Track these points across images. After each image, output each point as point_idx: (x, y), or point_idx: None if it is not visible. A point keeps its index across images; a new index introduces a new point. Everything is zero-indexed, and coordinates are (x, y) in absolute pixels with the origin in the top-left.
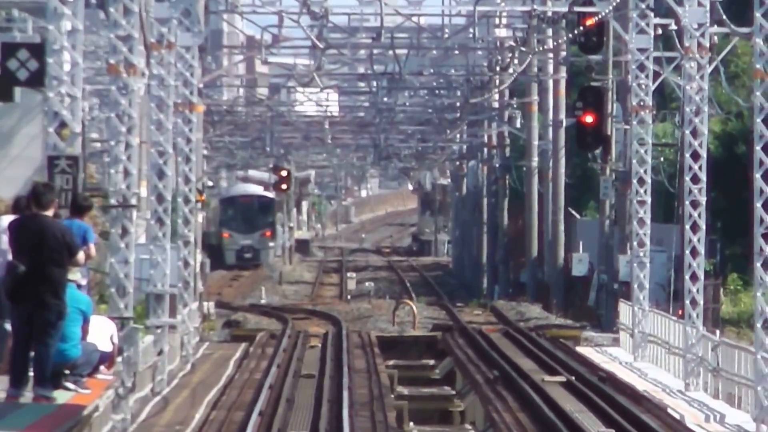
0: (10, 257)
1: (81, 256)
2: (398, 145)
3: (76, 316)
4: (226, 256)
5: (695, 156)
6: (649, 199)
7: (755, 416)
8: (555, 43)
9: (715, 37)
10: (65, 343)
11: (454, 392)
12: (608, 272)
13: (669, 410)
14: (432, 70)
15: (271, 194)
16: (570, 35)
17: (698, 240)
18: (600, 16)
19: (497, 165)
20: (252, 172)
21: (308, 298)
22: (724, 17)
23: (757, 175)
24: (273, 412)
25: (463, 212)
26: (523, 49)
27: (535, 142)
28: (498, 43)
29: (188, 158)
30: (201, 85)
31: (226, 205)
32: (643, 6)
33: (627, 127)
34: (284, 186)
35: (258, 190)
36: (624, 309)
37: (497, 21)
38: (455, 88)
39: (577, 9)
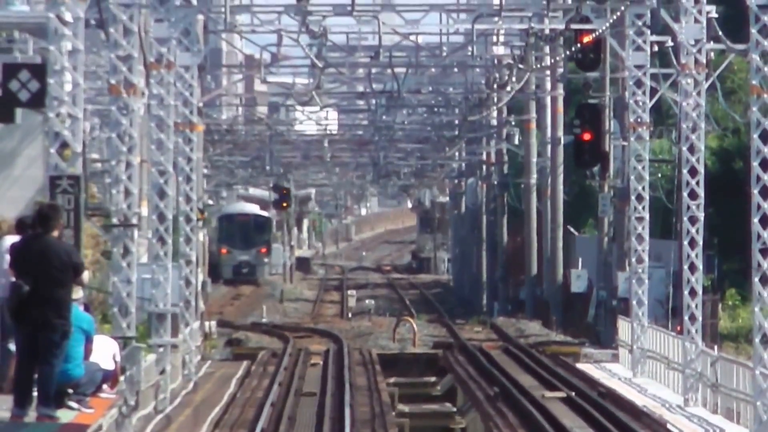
0: (13, 278)
1: (86, 276)
2: (397, 163)
3: (79, 335)
4: (223, 270)
5: (692, 172)
6: (647, 216)
7: (754, 431)
8: (552, 61)
9: (712, 54)
10: (68, 362)
11: (455, 409)
12: (607, 289)
13: (668, 426)
14: (430, 88)
15: (267, 213)
16: (567, 53)
17: (696, 255)
18: (597, 34)
19: (496, 182)
20: (252, 191)
21: (309, 316)
22: (720, 34)
23: (755, 191)
24: (275, 430)
25: (462, 230)
26: (520, 66)
27: (534, 160)
28: (496, 61)
29: (189, 177)
30: (201, 105)
31: (225, 222)
32: (640, 23)
33: (625, 143)
34: (284, 204)
35: (255, 209)
36: (623, 325)
37: (495, 39)
38: (453, 105)
39: (574, 26)
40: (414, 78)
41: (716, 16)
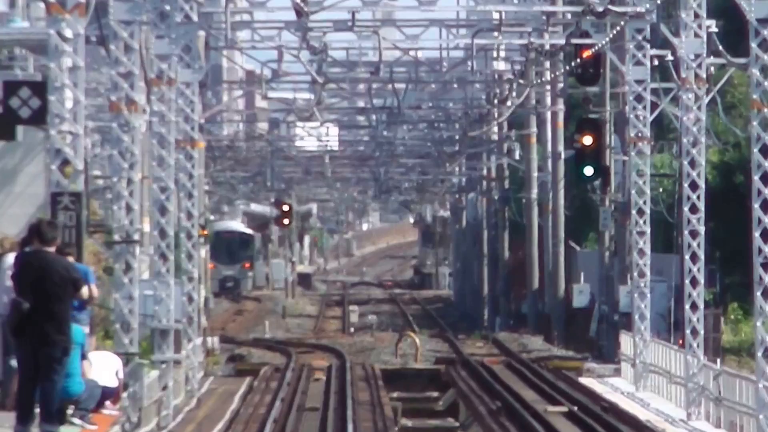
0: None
1: (85, 291)
2: (398, 179)
3: (76, 350)
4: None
5: (693, 186)
6: (648, 230)
7: None
8: (552, 76)
9: (712, 68)
10: (68, 378)
11: (457, 424)
12: (609, 303)
13: None
14: (431, 104)
15: (251, 231)
16: (567, 67)
17: (698, 270)
18: (597, 48)
19: (497, 197)
20: (254, 206)
21: (311, 332)
22: (721, 48)
23: (756, 205)
24: None
25: (464, 244)
26: (521, 81)
27: (534, 174)
28: (496, 76)
29: (190, 194)
30: (202, 121)
31: (212, 239)
32: (640, 38)
33: (625, 158)
34: (286, 220)
35: (240, 226)
36: (625, 339)
37: (495, 54)
38: (454, 121)
39: (574, 41)
40: (414, 93)
41: (716, 30)
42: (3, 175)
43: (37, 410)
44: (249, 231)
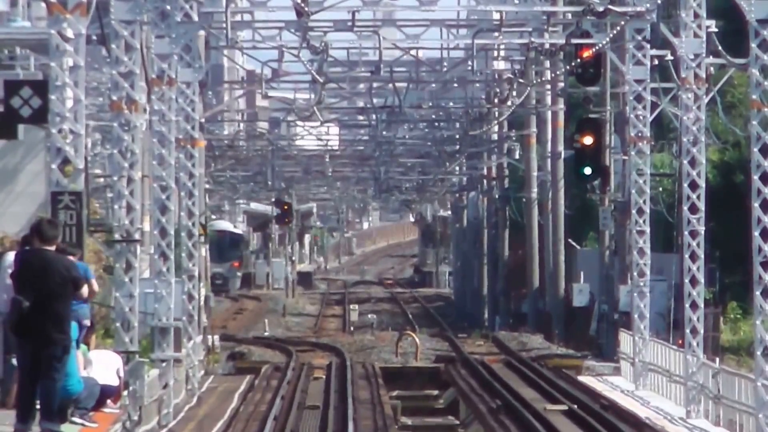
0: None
1: (86, 289)
2: (398, 178)
3: (74, 349)
4: None
5: (693, 186)
6: (648, 229)
7: None
8: (553, 75)
9: (712, 68)
10: (67, 378)
11: (458, 422)
12: (609, 302)
13: None
14: (431, 103)
15: (240, 231)
16: (567, 67)
17: (697, 269)
18: (597, 48)
19: (497, 196)
20: (254, 206)
21: (312, 330)
22: (720, 48)
23: (755, 204)
24: None
25: (464, 244)
26: (521, 81)
27: (534, 174)
28: (496, 76)
29: (191, 193)
30: (202, 120)
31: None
32: (640, 38)
33: (625, 158)
34: (286, 219)
35: (229, 227)
36: (624, 338)
37: (495, 54)
38: (454, 120)
39: (574, 41)
40: (415, 93)
41: (716, 30)
42: (4, 173)
43: (38, 408)
44: (239, 231)
